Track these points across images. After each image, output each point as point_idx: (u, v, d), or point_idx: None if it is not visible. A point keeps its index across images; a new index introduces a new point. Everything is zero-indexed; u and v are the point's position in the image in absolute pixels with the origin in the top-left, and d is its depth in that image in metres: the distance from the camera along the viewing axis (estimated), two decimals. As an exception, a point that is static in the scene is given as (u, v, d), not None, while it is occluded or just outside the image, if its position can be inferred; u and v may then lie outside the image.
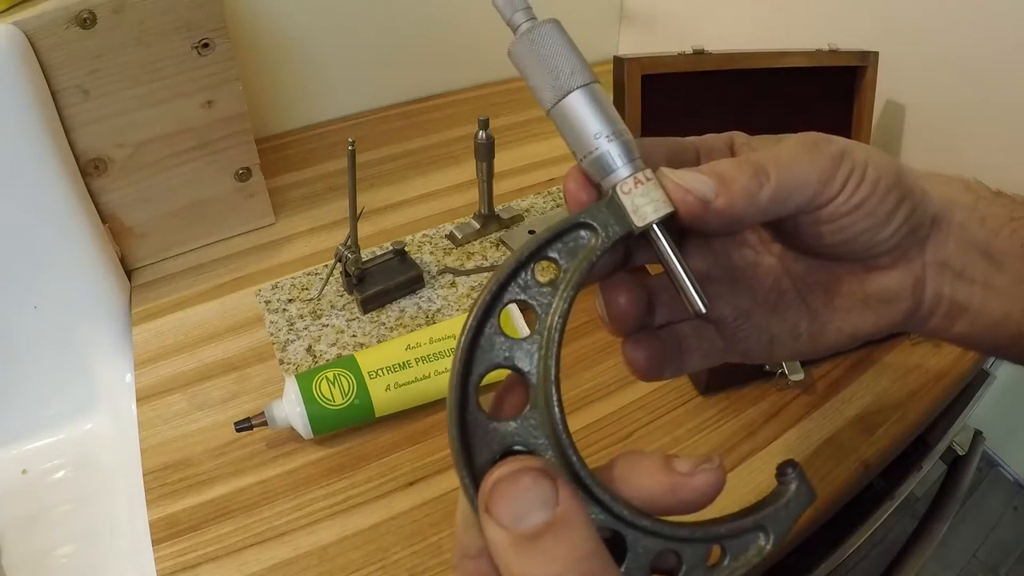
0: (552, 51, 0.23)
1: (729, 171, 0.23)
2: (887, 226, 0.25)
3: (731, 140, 0.27)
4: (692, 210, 0.22)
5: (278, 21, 0.75)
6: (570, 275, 0.22)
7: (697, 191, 0.22)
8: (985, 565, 1.20)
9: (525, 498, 0.18)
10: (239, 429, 0.46)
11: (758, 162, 0.23)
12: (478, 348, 0.22)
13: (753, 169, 0.23)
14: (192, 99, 0.57)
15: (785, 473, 0.23)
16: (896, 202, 0.25)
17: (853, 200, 0.24)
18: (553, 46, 0.23)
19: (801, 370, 0.50)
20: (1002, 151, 0.60)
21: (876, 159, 0.25)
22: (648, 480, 0.21)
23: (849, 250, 0.26)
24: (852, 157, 0.24)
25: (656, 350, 0.27)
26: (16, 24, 0.47)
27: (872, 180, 0.24)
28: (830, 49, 0.62)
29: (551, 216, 0.66)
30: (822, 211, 0.24)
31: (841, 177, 0.24)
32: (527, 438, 0.21)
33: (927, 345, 0.56)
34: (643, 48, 0.96)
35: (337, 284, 0.58)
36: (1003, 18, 0.57)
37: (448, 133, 0.83)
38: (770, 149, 0.25)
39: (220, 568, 0.41)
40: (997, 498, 1.30)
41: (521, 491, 0.18)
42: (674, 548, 0.21)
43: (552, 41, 0.23)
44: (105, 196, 0.57)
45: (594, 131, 0.23)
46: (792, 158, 0.24)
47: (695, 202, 0.22)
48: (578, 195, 0.24)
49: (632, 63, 0.56)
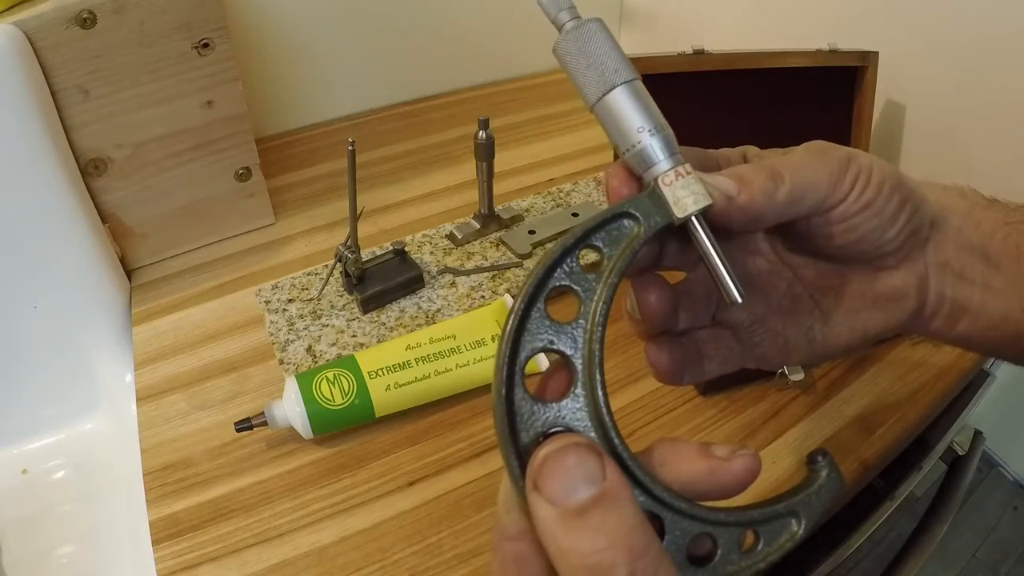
0: (597, 48, 0.24)
1: (748, 173, 0.25)
2: (893, 225, 0.27)
3: (744, 153, 0.29)
4: (717, 206, 0.24)
5: (278, 21, 0.75)
6: (614, 262, 0.23)
7: (722, 187, 0.24)
8: (985, 565, 1.20)
9: (573, 474, 0.18)
10: (239, 429, 0.46)
11: (772, 166, 0.25)
12: (524, 332, 0.22)
13: (769, 172, 0.25)
14: (192, 99, 0.57)
15: (816, 461, 0.25)
16: (900, 203, 0.26)
17: (861, 200, 0.26)
18: (598, 43, 0.24)
19: (801, 370, 0.50)
20: (1002, 151, 0.60)
21: (879, 164, 0.26)
22: (687, 465, 0.22)
23: (859, 250, 0.27)
24: (858, 162, 0.26)
25: (678, 353, 0.28)
26: (16, 24, 0.47)
27: (877, 182, 0.26)
28: (830, 49, 0.62)
29: (551, 216, 0.66)
30: (833, 212, 0.26)
31: (849, 179, 0.26)
32: (570, 420, 0.22)
33: (927, 345, 0.56)
34: (643, 48, 0.95)
35: (337, 284, 0.58)
36: (1003, 18, 0.57)
37: (448, 133, 0.83)
38: (781, 156, 0.27)
39: (220, 568, 0.41)
40: (997, 498, 1.30)
41: (569, 467, 0.19)
42: (710, 531, 0.22)
43: (596, 38, 0.24)
44: (105, 196, 0.57)
45: (637, 125, 0.24)
46: (803, 163, 0.26)
47: (720, 197, 0.24)
48: (620, 190, 0.25)
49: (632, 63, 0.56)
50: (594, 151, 0.80)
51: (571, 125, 0.86)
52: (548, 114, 0.88)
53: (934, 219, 0.28)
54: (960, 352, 0.56)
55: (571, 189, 0.70)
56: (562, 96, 0.92)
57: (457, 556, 0.42)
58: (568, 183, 0.71)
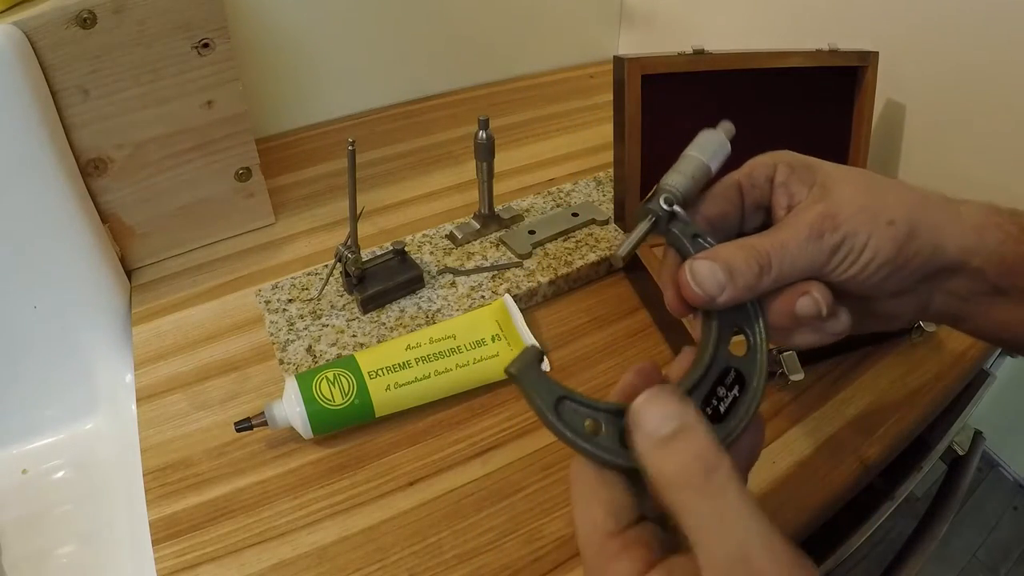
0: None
1: (737, 263, 0.28)
2: (880, 287, 0.30)
3: (774, 168, 0.31)
4: (700, 303, 0.29)
5: (278, 21, 0.75)
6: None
7: (707, 289, 0.28)
8: (985, 565, 1.20)
9: (663, 411, 0.24)
10: (239, 429, 0.46)
11: (764, 255, 0.28)
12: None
13: (759, 265, 0.28)
14: (192, 99, 0.57)
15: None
16: (889, 272, 0.29)
17: (843, 276, 0.29)
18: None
19: (801, 370, 0.50)
20: (1002, 151, 0.60)
21: (879, 237, 0.28)
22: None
23: (848, 292, 0.30)
24: (852, 242, 0.28)
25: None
26: (16, 24, 0.47)
27: (864, 262, 0.29)
28: (830, 49, 0.62)
29: (551, 216, 0.66)
30: (817, 277, 0.29)
31: (835, 263, 0.29)
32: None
33: (927, 345, 0.56)
34: (643, 48, 0.96)
35: (337, 284, 0.58)
36: (1003, 18, 0.57)
37: (448, 133, 0.83)
38: (779, 233, 0.29)
39: (220, 568, 0.41)
40: (997, 498, 1.30)
41: (659, 406, 0.24)
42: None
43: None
44: (105, 196, 0.57)
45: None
46: (797, 249, 0.29)
47: (704, 297, 0.28)
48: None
49: (632, 63, 0.56)
50: (594, 151, 0.80)
51: (571, 125, 0.86)
52: (548, 114, 0.88)
53: (948, 265, 0.29)
54: (960, 353, 0.56)
55: (571, 189, 0.70)
56: (562, 96, 0.92)
57: (457, 556, 0.42)
58: (568, 183, 0.71)
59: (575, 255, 0.61)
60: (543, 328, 0.57)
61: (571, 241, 0.63)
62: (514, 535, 0.43)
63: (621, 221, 0.63)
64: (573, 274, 0.60)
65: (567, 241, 0.63)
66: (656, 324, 0.58)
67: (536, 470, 0.47)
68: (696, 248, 0.30)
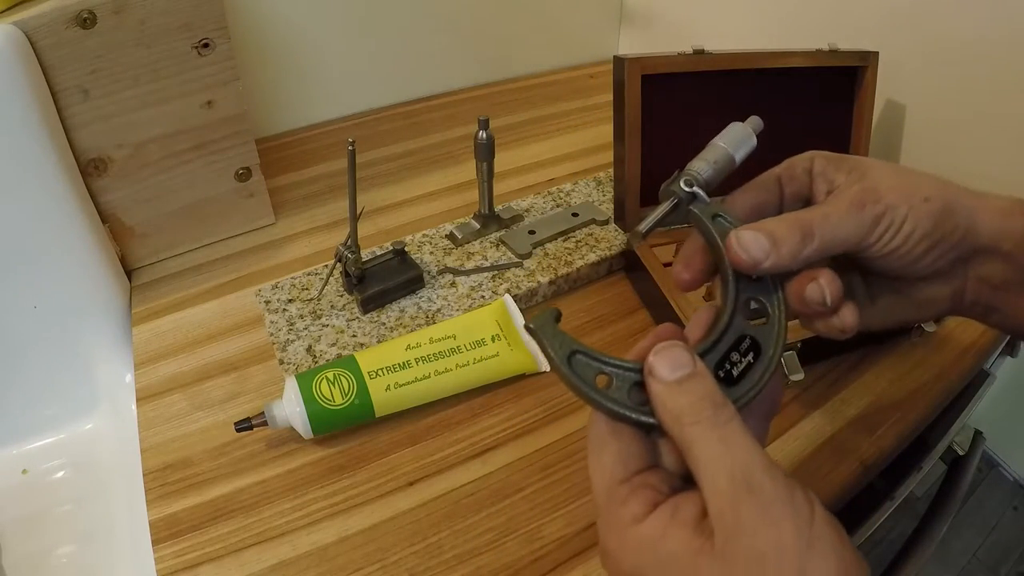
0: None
1: (779, 231, 0.30)
2: (920, 262, 0.31)
3: (811, 164, 0.33)
4: (746, 267, 0.30)
5: (278, 21, 0.75)
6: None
7: (753, 254, 0.29)
8: (985, 565, 1.20)
9: (674, 360, 0.26)
10: (239, 429, 0.46)
11: (807, 224, 0.30)
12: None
13: (801, 233, 0.30)
14: (192, 99, 0.57)
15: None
16: (928, 247, 0.30)
17: (886, 249, 0.30)
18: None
19: (801, 370, 0.50)
20: (1002, 151, 0.60)
21: (917, 211, 0.30)
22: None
23: (889, 271, 0.32)
24: (893, 214, 0.30)
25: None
26: (16, 24, 0.47)
27: (905, 233, 0.30)
28: (830, 49, 0.62)
29: (551, 216, 0.66)
30: (862, 251, 0.31)
31: (877, 234, 0.30)
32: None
33: (927, 345, 0.56)
34: (643, 48, 0.96)
35: (337, 284, 0.58)
36: (1003, 18, 0.57)
37: (448, 133, 0.83)
38: (822, 207, 0.31)
39: (220, 568, 0.41)
40: (997, 498, 1.30)
41: (671, 356, 0.27)
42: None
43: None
44: (105, 196, 0.57)
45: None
46: (839, 220, 0.30)
47: (750, 261, 0.30)
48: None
49: (632, 63, 0.56)
50: (594, 151, 0.80)
51: (571, 125, 0.86)
52: (548, 114, 0.88)
53: (982, 247, 0.31)
54: (960, 352, 0.56)
55: (571, 189, 0.70)
56: (562, 96, 0.92)
57: (457, 556, 0.42)
58: (568, 183, 0.71)
59: (575, 255, 0.61)
60: (543, 328, 0.57)
61: (571, 241, 0.63)
62: (514, 535, 0.43)
63: (621, 221, 0.63)
64: (573, 274, 0.60)
65: (567, 241, 0.63)
66: (656, 324, 0.58)
67: (536, 470, 0.47)
68: (717, 226, 0.31)
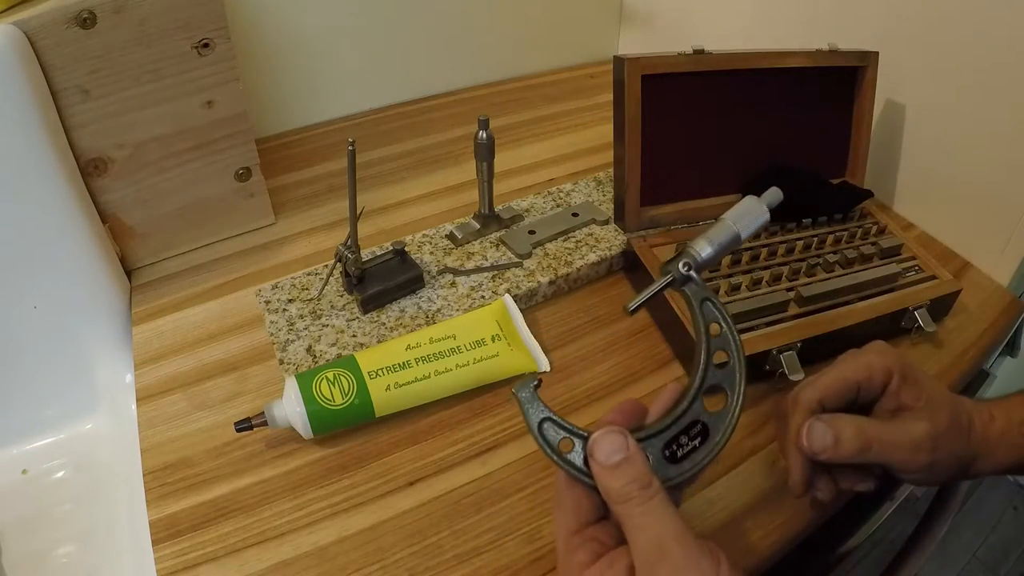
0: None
1: (845, 436, 0.37)
2: (932, 479, 0.39)
3: (889, 374, 0.39)
4: (805, 451, 0.38)
5: (278, 21, 0.75)
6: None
7: (814, 445, 0.37)
8: (985, 565, 1.20)
9: (610, 446, 0.31)
10: (239, 429, 0.46)
11: (869, 441, 0.37)
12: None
13: (861, 446, 0.37)
14: (192, 99, 0.57)
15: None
16: (949, 468, 0.39)
17: (919, 469, 0.38)
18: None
19: (801, 370, 0.50)
20: (1002, 152, 0.60)
21: (953, 463, 0.39)
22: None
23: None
24: (937, 464, 0.38)
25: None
26: (16, 24, 0.47)
27: (936, 473, 0.38)
28: (830, 49, 0.62)
29: (551, 216, 0.66)
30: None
31: (920, 460, 0.37)
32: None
33: (927, 345, 0.56)
34: (643, 48, 0.96)
35: (337, 284, 0.58)
36: (1003, 18, 0.57)
37: (448, 133, 0.83)
38: (889, 431, 0.38)
39: (220, 568, 0.41)
40: (997, 498, 1.30)
41: (608, 443, 0.31)
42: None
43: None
44: (105, 196, 0.57)
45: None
46: (895, 451, 0.37)
47: (809, 450, 0.37)
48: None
49: (632, 63, 0.56)
50: (594, 151, 0.80)
51: (571, 125, 0.86)
52: (548, 114, 0.88)
53: (977, 453, 0.39)
54: (960, 352, 0.56)
55: (571, 189, 0.70)
56: (562, 96, 0.92)
57: (457, 556, 0.42)
58: (568, 183, 0.71)
59: (575, 255, 0.61)
60: (543, 328, 0.57)
61: (571, 241, 0.63)
62: (514, 535, 0.43)
63: (621, 221, 0.63)
64: (573, 274, 0.60)
65: (567, 241, 0.63)
66: (656, 324, 0.58)
67: (536, 470, 0.47)
68: (705, 313, 0.35)
